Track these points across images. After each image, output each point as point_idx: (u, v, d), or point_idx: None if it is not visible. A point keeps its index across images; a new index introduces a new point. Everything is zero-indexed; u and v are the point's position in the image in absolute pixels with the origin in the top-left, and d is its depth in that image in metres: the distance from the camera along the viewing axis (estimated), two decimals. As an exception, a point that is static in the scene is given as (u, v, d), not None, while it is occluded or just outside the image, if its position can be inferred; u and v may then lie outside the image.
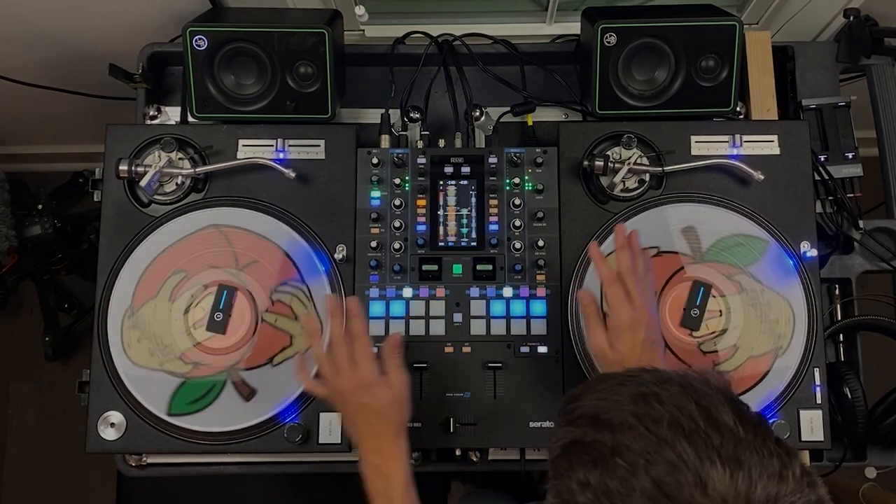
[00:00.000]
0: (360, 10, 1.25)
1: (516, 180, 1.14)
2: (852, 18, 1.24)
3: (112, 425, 1.07)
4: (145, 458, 1.13)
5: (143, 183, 1.10)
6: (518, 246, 1.11)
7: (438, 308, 1.10)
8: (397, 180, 1.13)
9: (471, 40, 1.24)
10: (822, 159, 1.21)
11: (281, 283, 1.10)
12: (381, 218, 1.12)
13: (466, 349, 1.09)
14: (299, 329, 1.09)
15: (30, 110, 1.72)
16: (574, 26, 1.31)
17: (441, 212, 1.13)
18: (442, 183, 1.14)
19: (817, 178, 1.18)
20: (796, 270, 1.11)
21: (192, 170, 1.12)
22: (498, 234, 1.12)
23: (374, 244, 1.10)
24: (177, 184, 1.13)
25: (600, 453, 0.59)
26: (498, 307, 1.10)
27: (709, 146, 1.14)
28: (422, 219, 1.13)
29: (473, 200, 1.13)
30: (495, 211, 1.13)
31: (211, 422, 1.07)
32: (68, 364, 2.06)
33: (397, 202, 1.12)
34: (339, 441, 1.07)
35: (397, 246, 1.11)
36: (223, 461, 1.13)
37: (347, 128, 1.16)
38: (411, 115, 1.19)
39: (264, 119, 1.16)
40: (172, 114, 1.23)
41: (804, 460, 1.08)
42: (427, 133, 1.18)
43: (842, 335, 1.19)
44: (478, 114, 1.21)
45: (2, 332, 2.09)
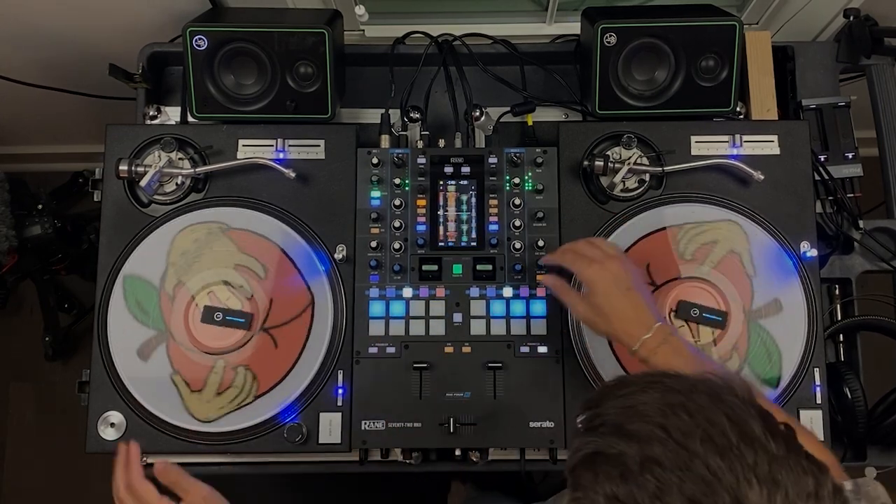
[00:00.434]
0: (360, 10, 1.26)
1: (516, 180, 1.14)
2: (852, 18, 1.24)
3: (112, 425, 1.07)
4: (145, 458, 1.13)
5: (143, 183, 1.10)
6: (518, 246, 1.11)
7: (438, 308, 1.10)
8: (397, 180, 1.13)
9: (471, 40, 1.24)
10: (822, 159, 1.21)
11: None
12: (381, 218, 1.12)
13: (466, 349, 1.09)
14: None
15: (30, 110, 1.72)
16: (574, 26, 1.31)
17: (441, 212, 1.13)
18: (442, 183, 1.14)
19: (817, 178, 1.18)
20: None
21: (192, 170, 1.12)
22: (498, 234, 1.12)
23: (374, 244, 1.10)
24: (177, 184, 1.13)
25: (628, 467, 0.56)
26: (498, 307, 1.10)
27: (709, 146, 1.14)
28: (422, 219, 1.13)
29: (473, 200, 1.13)
30: (495, 211, 1.13)
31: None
32: (68, 364, 2.06)
33: (397, 202, 1.12)
34: (339, 441, 1.07)
35: (397, 246, 1.11)
36: (223, 461, 1.13)
37: (347, 128, 1.16)
38: (411, 115, 1.19)
39: (264, 119, 1.16)
40: (172, 114, 1.23)
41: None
42: (427, 133, 1.18)
43: (842, 335, 1.19)
44: (478, 114, 1.21)
45: (2, 332, 2.09)
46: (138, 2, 1.30)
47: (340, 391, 1.08)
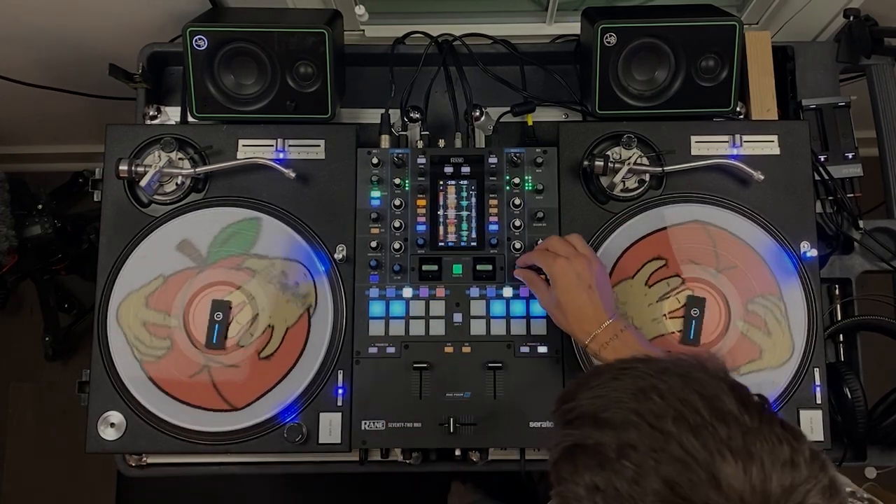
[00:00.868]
0: (360, 10, 1.25)
1: (516, 180, 1.14)
2: (852, 18, 1.24)
3: (112, 425, 1.07)
4: (145, 458, 1.13)
5: (143, 183, 1.10)
6: (518, 246, 1.11)
7: (438, 308, 1.10)
8: (397, 180, 1.13)
9: (471, 40, 1.24)
10: (822, 159, 1.21)
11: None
12: (381, 218, 1.12)
13: (466, 349, 1.09)
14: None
15: (30, 110, 1.72)
16: (574, 26, 1.31)
17: (441, 212, 1.13)
18: (442, 183, 1.14)
19: (817, 178, 1.18)
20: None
21: (192, 170, 1.12)
22: (498, 234, 1.12)
23: (374, 244, 1.10)
24: (177, 184, 1.13)
25: (605, 455, 0.57)
26: (498, 307, 1.10)
27: (709, 146, 1.14)
28: (422, 219, 1.13)
29: (473, 200, 1.13)
30: (495, 211, 1.13)
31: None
32: (68, 364, 2.06)
33: (397, 202, 1.12)
34: (339, 441, 1.06)
35: (397, 246, 1.11)
36: (223, 461, 1.13)
37: (347, 128, 1.16)
38: (411, 115, 1.19)
39: (264, 119, 1.16)
40: (172, 114, 1.23)
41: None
42: (427, 133, 1.18)
43: (842, 335, 1.19)
44: (478, 114, 1.21)
45: (2, 332, 2.09)
46: (138, 2, 1.30)
47: (340, 391, 1.08)
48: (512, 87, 1.23)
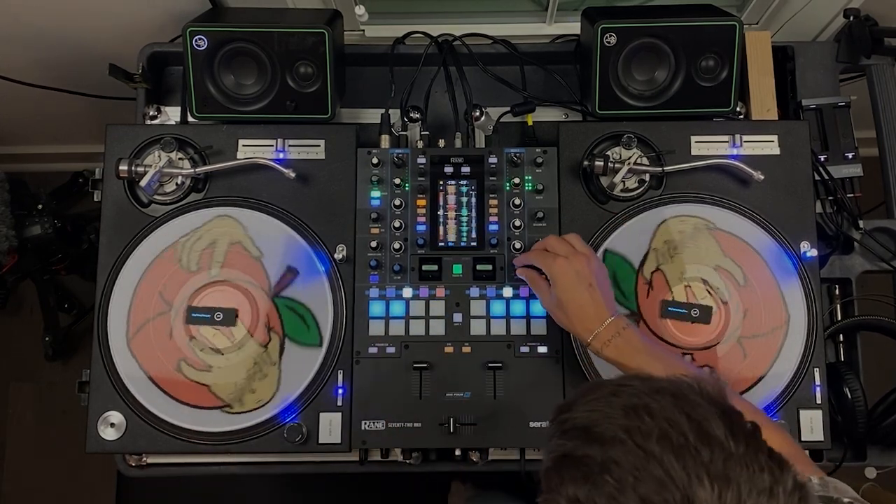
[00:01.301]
0: (360, 10, 1.25)
1: (516, 180, 1.14)
2: (852, 18, 1.24)
3: (112, 425, 1.07)
4: (145, 458, 1.13)
5: (143, 183, 1.10)
6: (518, 246, 1.11)
7: (438, 308, 1.10)
8: (397, 180, 1.13)
9: (471, 40, 1.24)
10: (822, 159, 1.21)
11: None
12: (381, 218, 1.12)
13: (466, 349, 1.09)
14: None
15: (30, 110, 1.72)
16: (574, 26, 1.31)
17: (441, 212, 1.13)
18: (442, 183, 1.14)
19: (817, 178, 1.18)
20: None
21: (192, 170, 1.12)
22: (498, 234, 1.12)
23: (374, 244, 1.10)
24: (177, 184, 1.13)
25: (589, 468, 0.58)
26: (498, 307, 1.10)
27: (709, 146, 1.14)
28: (422, 219, 1.13)
29: (473, 200, 1.13)
30: (495, 211, 1.13)
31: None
32: (68, 364, 2.06)
33: (397, 202, 1.12)
34: (339, 441, 1.07)
35: (397, 246, 1.11)
36: (223, 461, 1.13)
37: (347, 128, 1.16)
38: (411, 115, 1.19)
39: (264, 119, 1.16)
40: (172, 114, 1.23)
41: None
42: (427, 133, 1.18)
43: (842, 335, 1.19)
44: (478, 114, 1.21)
45: (2, 332, 2.09)
46: (138, 2, 1.30)
47: (340, 391, 1.08)
48: (512, 87, 1.23)
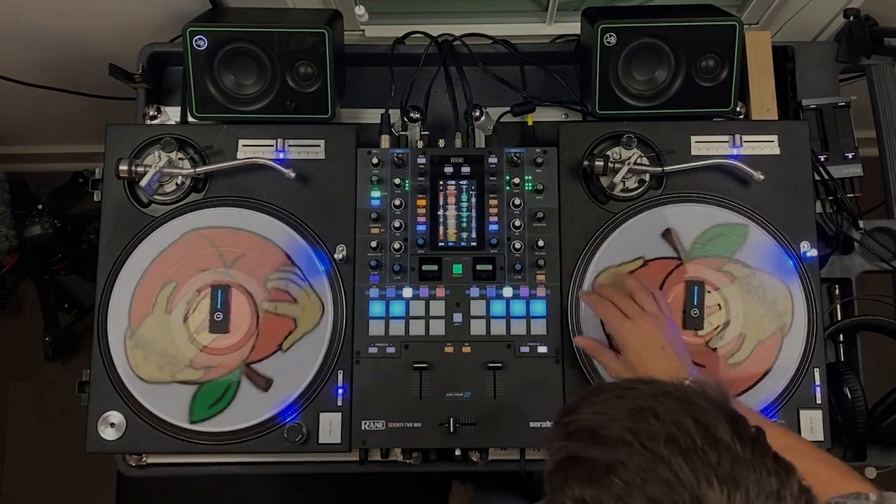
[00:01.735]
0: (360, 10, 1.25)
1: (516, 180, 1.14)
2: (852, 18, 1.24)
3: (112, 425, 1.07)
4: (145, 458, 1.13)
5: (143, 183, 1.10)
6: (518, 246, 1.11)
7: (438, 308, 1.10)
8: (397, 180, 1.13)
9: (471, 40, 1.24)
10: (822, 159, 1.21)
11: (272, 270, 1.11)
12: (381, 218, 1.12)
13: (466, 349, 1.09)
14: (300, 310, 1.09)
15: (30, 110, 1.72)
16: (574, 26, 1.31)
17: (441, 212, 1.13)
18: (442, 183, 1.14)
19: (817, 178, 1.18)
20: (796, 270, 1.11)
21: (192, 170, 1.12)
22: (498, 234, 1.12)
23: (374, 244, 1.10)
24: (177, 184, 1.14)
25: (596, 470, 0.58)
26: (498, 307, 1.10)
27: (709, 146, 1.14)
28: (422, 219, 1.13)
29: (473, 200, 1.13)
30: (495, 211, 1.13)
31: (229, 420, 1.07)
32: (68, 364, 2.05)
33: (397, 202, 1.12)
34: (339, 441, 1.07)
35: (397, 246, 1.11)
36: (223, 461, 1.13)
37: (347, 128, 1.16)
38: (411, 115, 1.19)
39: (264, 119, 1.16)
40: (172, 114, 1.23)
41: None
42: (427, 133, 1.18)
43: (842, 335, 1.19)
44: (478, 114, 1.21)
45: (2, 332, 2.09)
46: (138, 2, 1.30)
47: (340, 391, 1.08)
48: (512, 87, 1.23)
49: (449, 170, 1.14)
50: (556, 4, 1.39)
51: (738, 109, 1.18)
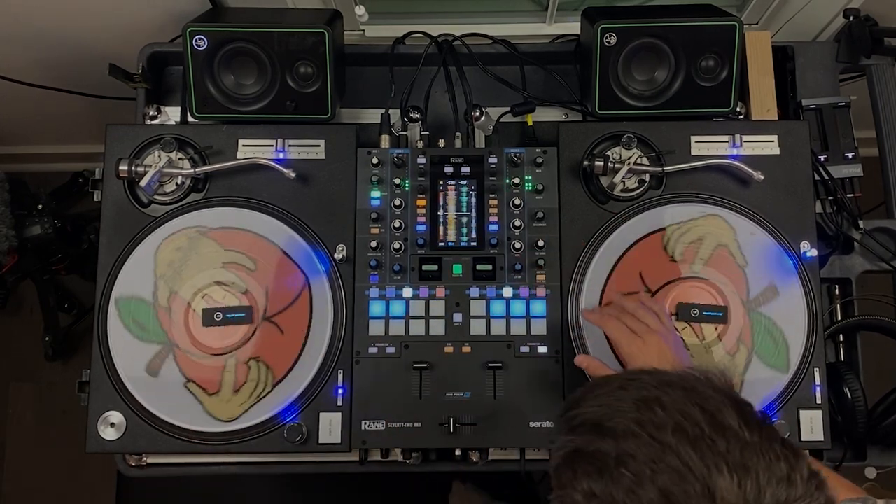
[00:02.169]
0: (360, 10, 1.26)
1: (516, 180, 1.14)
2: (852, 18, 1.24)
3: (112, 425, 1.07)
4: (145, 458, 1.13)
5: (143, 183, 1.10)
6: (518, 246, 1.11)
7: (438, 308, 1.10)
8: (397, 180, 1.13)
9: (471, 40, 1.24)
10: (822, 159, 1.21)
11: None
12: (381, 218, 1.12)
13: (466, 349, 1.09)
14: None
15: (30, 110, 1.72)
16: (574, 26, 1.31)
17: (441, 212, 1.13)
18: (442, 183, 1.14)
19: (817, 178, 1.18)
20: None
21: (192, 170, 1.12)
22: (498, 234, 1.12)
23: (374, 244, 1.10)
24: (177, 184, 1.13)
25: (604, 463, 0.57)
26: (498, 307, 1.10)
27: (709, 146, 1.14)
28: (422, 219, 1.12)
29: (473, 200, 1.13)
30: (495, 211, 1.13)
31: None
32: (68, 364, 2.06)
33: (397, 202, 1.12)
34: (339, 441, 1.07)
35: (397, 246, 1.11)
36: (223, 461, 1.13)
37: (347, 128, 1.16)
38: (411, 115, 1.19)
39: (264, 119, 1.16)
40: (172, 114, 1.23)
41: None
42: (427, 133, 1.18)
43: (842, 335, 1.19)
44: (478, 114, 1.21)
45: (2, 332, 2.09)
46: (138, 2, 1.30)
47: (340, 391, 1.08)
48: (512, 87, 1.23)
49: (449, 170, 1.14)
50: (556, 4, 1.39)
51: (738, 109, 1.18)
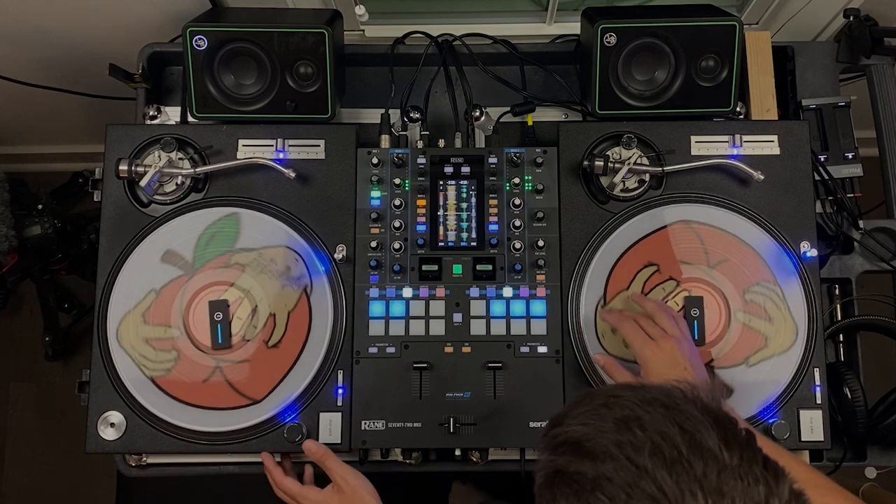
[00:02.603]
0: (360, 10, 1.26)
1: (516, 180, 1.14)
2: (852, 18, 1.24)
3: (112, 425, 1.07)
4: (145, 458, 1.13)
5: (143, 183, 1.10)
6: (518, 246, 1.11)
7: (438, 308, 1.10)
8: (397, 180, 1.13)
9: (471, 40, 1.24)
10: (822, 159, 1.21)
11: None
12: (381, 218, 1.12)
13: (466, 349, 1.09)
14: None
15: (30, 110, 1.72)
16: (574, 26, 1.31)
17: (441, 212, 1.13)
18: (442, 183, 1.14)
19: (817, 178, 1.18)
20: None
21: (192, 170, 1.12)
22: (498, 234, 1.12)
23: (374, 244, 1.10)
24: (177, 184, 1.14)
25: (581, 486, 0.57)
26: (498, 307, 1.10)
27: (709, 146, 1.14)
28: (422, 219, 1.13)
29: (473, 200, 1.13)
30: (495, 211, 1.13)
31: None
32: (68, 364, 2.06)
33: (397, 202, 1.12)
34: (339, 441, 1.07)
35: (397, 246, 1.11)
36: (223, 461, 1.13)
37: (347, 128, 1.16)
38: (411, 115, 1.19)
39: (264, 119, 1.16)
40: (172, 114, 1.23)
41: (804, 459, 1.08)
42: (427, 133, 1.18)
43: (842, 335, 1.19)
44: (478, 114, 1.21)
45: (2, 332, 2.09)
46: (138, 2, 1.30)
47: (340, 391, 1.08)
48: (512, 87, 1.23)
49: (449, 170, 1.14)
50: (556, 4, 1.39)
51: (738, 109, 1.18)
